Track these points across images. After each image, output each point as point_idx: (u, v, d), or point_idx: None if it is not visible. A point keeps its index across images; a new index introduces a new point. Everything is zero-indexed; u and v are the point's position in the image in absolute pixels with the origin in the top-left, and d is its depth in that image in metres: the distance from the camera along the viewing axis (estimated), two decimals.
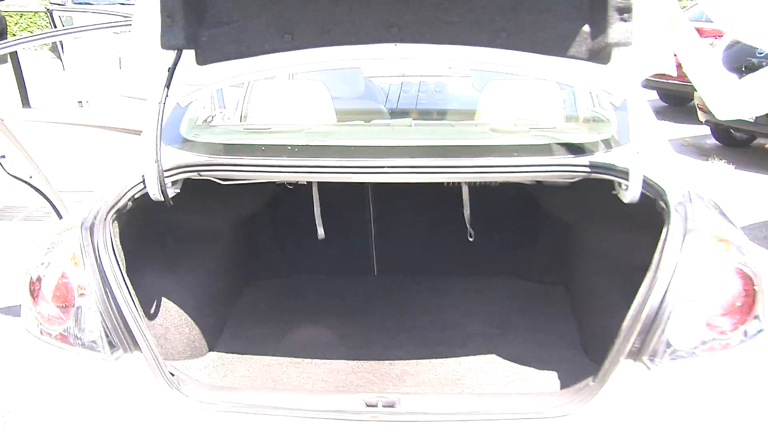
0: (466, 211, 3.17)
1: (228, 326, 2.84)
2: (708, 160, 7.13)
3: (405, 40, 2.16)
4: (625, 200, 2.13)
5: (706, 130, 7.86)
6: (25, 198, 3.93)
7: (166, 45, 2.13)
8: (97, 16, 5.09)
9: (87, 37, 4.41)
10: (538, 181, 2.79)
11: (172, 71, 2.16)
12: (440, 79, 3.99)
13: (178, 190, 2.35)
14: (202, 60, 2.22)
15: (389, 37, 2.15)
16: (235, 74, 2.36)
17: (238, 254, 3.12)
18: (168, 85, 2.16)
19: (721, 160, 7.00)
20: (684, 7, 11.78)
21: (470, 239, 3.20)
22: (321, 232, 3.23)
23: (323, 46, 2.20)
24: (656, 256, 1.91)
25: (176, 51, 2.15)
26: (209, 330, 2.67)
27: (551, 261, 3.14)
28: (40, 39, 3.42)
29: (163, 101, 2.15)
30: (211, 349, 2.65)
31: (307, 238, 3.26)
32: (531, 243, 3.24)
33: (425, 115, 3.44)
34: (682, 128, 8.17)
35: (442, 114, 3.49)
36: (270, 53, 2.22)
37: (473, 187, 3.12)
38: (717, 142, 7.73)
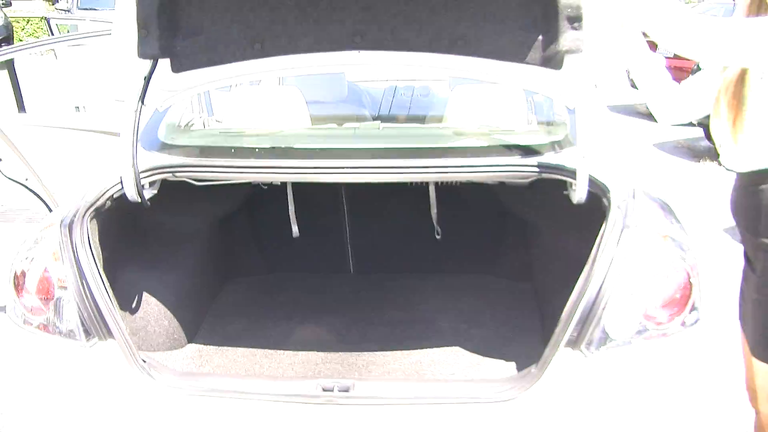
0: (433, 210, 3.29)
1: (206, 321, 2.98)
2: (699, 161, 7.21)
3: (367, 48, 2.28)
4: (574, 200, 2.24)
5: (700, 132, 7.93)
6: (27, 200, 4.07)
7: (142, 54, 2.25)
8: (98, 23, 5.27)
9: (84, 41, 4.57)
10: (501, 182, 2.91)
11: (148, 79, 2.28)
12: (426, 83, 4.11)
13: (155, 191, 2.49)
14: (177, 68, 2.34)
15: (352, 45, 2.28)
16: (209, 80, 2.49)
17: (216, 252, 3.25)
18: (144, 92, 2.29)
19: (712, 161, 7.07)
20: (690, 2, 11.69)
21: (437, 237, 3.32)
22: (295, 230, 3.35)
23: (291, 54, 2.32)
24: (594, 250, 2.03)
25: (152, 60, 2.28)
26: (188, 324, 2.81)
27: (519, 259, 3.25)
28: (34, 47, 3.56)
29: (138, 108, 2.29)
30: (189, 342, 2.79)
31: (285, 237, 3.38)
32: (500, 242, 3.36)
33: (397, 119, 3.56)
34: (678, 130, 8.22)
35: (415, 118, 3.61)
36: (241, 61, 2.35)
37: (442, 187, 3.23)
38: (710, 144, 7.78)
